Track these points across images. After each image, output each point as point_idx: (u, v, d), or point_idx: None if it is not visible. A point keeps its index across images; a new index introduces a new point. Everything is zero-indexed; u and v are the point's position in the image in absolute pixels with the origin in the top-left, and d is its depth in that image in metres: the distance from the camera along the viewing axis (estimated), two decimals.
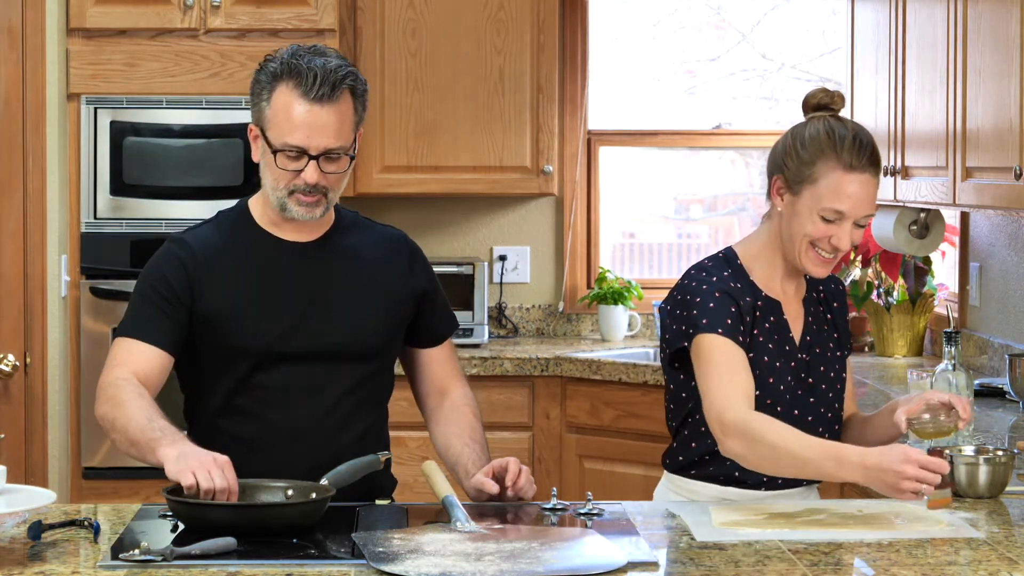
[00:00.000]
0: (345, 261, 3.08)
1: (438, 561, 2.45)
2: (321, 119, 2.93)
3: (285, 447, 3.01)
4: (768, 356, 3.05)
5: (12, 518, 2.57)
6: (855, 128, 3.03)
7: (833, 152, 2.99)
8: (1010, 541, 2.65)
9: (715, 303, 3.01)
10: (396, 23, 5.60)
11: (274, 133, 2.95)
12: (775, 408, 3.03)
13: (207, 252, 3.05)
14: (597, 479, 5.20)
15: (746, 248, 3.14)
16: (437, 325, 3.21)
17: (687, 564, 2.50)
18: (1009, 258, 4.88)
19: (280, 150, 2.95)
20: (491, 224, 6.05)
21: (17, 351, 4.74)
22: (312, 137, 2.93)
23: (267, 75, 2.98)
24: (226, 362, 3.03)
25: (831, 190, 2.99)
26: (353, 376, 3.07)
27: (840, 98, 3.08)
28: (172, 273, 3.03)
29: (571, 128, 6.01)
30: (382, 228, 3.19)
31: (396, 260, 3.14)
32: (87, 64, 5.13)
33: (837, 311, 3.20)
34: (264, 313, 3.02)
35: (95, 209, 5.14)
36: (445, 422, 3.16)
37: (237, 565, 2.45)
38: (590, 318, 6.03)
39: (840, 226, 3.00)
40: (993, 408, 4.25)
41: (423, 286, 3.16)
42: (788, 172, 3.03)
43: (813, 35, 6.32)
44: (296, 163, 2.95)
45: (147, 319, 3.02)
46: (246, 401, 3.03)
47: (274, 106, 2.95)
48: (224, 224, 3.11)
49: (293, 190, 2.97)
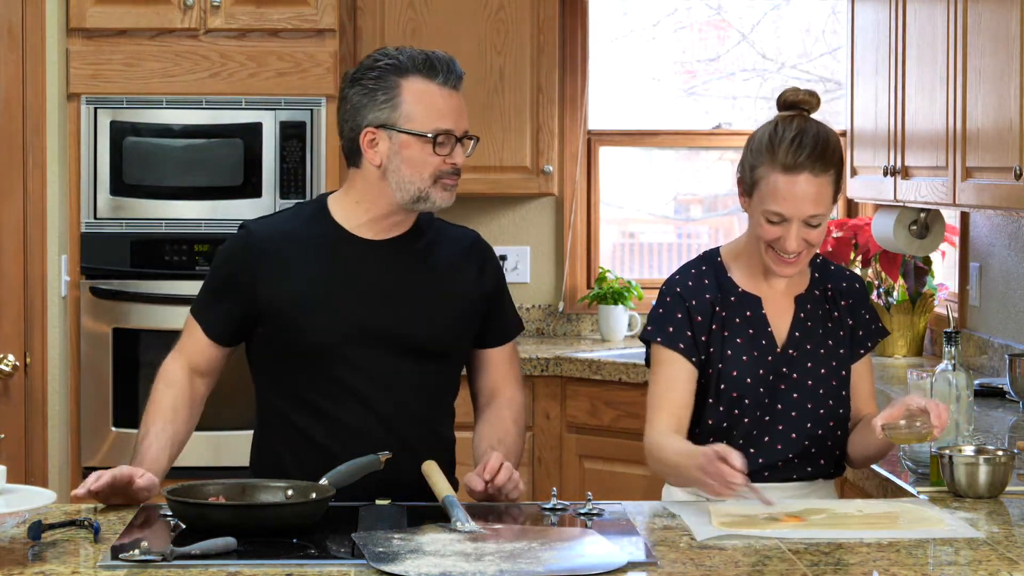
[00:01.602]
0: (419, 260, 3.11)
1: (438, 561, 2.45)
2: (457, 103, 3.06)
3: (352, 443, 3.02)
4: (735, 350, 3.09)
5: (12, 518, 2.57)
6: (802, 127, 3.02)
7: (770, 154, 3.02)
8: (1010, 541, 2.65)
9: (664, 308, 3.11)
10: (396, 23, 5.60)
11: (419, 123, 3.01)
12: (742, 401, 3.07)
13: (277, 240, 3.09)
14: (597, 479, 5.20)
15: (731, 247, 3.19)
16: (500, 327, 3.23)
17: (687, 564, 2.50)
18: (1009, 258, 4.88)
19: (436, 135, 3.01)
20: (491, 224, 6.05)
21: (17, 351, 4.74)
22: (457, 120, 3.05)
23: (386, 74, 3.02)
24: (292, 353, 3.06)
25: (770, 192, 3.01)
26: (422, 374, 3.09)
27: (812, 96, 3.08)
28: (236, 260, 3.10)
29: (571, 128, 6.02)
30: (456, 229, 3.22)
31: (469, 261, 3.17)
32: (87, 64, 5.13)
33: (847, 309, 3.18)
34: (334, 307, 3.05)
35: (95, 209, 5.14)
36: (483, 422, 3.19)
37: (237, 565, 2.45)
38: (590, 318, 6.03)
39: (786, 227, 3.01)
40: (993, 408, 4.25)
41: (491, 288, 3.19)
42: (744, 176, 3.09)
43: (813, 35, 6.32)
44: (445, 148, 3.03)
45: (209, 306, 3.13)
46: (312, 395, 3.06)
47: (411, 98, 3.02)
48: (300, 215, 3.15)
49: (439, 176, 3.04)
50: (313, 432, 3.06)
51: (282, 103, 5.19)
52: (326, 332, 3.04)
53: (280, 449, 3.10)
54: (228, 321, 3.10)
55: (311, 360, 3.05)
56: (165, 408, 3.06)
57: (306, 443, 3.06)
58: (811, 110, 3.08)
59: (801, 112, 3.06)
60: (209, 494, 2.76)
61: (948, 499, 2.98)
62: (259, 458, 3.16)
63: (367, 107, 3.03)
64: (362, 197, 3.08)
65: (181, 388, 3.09)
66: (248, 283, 3.07)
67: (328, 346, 3.04)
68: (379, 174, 3.04)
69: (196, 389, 3.12)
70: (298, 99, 5.19)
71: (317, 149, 5.18)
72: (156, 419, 3.05)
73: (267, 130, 5.17)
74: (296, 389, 3.07)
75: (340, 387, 3.05)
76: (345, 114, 3.06)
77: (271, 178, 5.17)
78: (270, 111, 5.18)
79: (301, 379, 3.07)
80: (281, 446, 3.10)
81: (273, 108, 5.18)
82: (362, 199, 3.08)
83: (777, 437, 3.09)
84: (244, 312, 3.08)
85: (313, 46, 5.20)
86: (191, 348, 3.12)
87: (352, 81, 3.06)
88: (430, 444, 3.09)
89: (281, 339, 3.07)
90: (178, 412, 3.07)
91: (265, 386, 3.14)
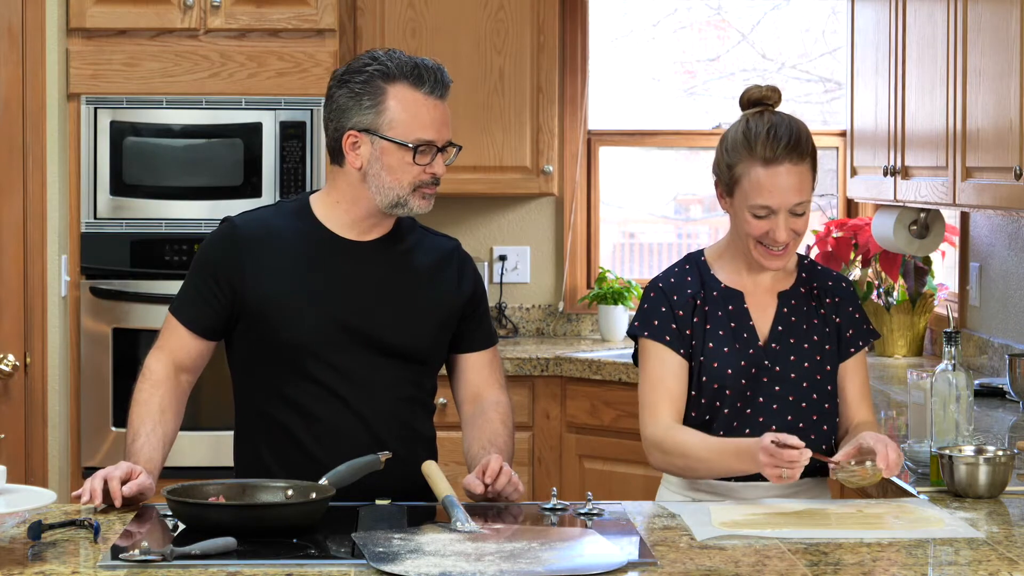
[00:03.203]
0: (399, 263, 3.13)
1: (438, 561, 2.45)
2: (441, 113, 3.07)
3: (328, 441, 3.04)
4: (717, 342, 3.12)
5: (12, 518, 2.57)
6: (773, 120, 3.07)
7: (747, 149, 3.06)
8: (1010, 541, 2.65)
9: (649, 304, 3.17)
10: (396, 23, 5.60)
11: (401, 131, 3.02)
12: (723, 392, 3.10)
13: (260, 234, 3.10)
14: (597, 479, 5.20)
15: (714, 247, 3.24)
16: (480, 332, 3.24)
17: (687, 564, 2.50)
18: (1009, 258, 4.88)
19: (417, 146, 3.02)
20: (491, 224, 6.05)
21: (17, 351, 4.74)
22: (440, 131, 3.06)
23: (373, 79, 3.03)
24: (273, 350, 3.07)
25: (753, 187, 3.05)
26: (398, 376, 3.10)
27: (774, 91, 3.13)
28: (220, 255, 3.10)
29: (571, 128, 6.01)
30: (437, 236, 3.23)
31: (447, 267, 3.18)
32: (87, 64, 5.13)
33: (833, 307, 3.20)
34: (312, 306, 3.06)
35: (95, 209, 5.14)
36: (471, 426, 3.18)
37: (237, 565, 2.45)
38: (590, 318, 6.03)
39: (773, 220, 3.06)
40: (993, 408, 4.25)
41: (470, 294, 3.20)
42: (721, 176, 3.13)
43: (813, 35, 6.32)
44: (425, 158, 3.03)
45: (191, 302, 3.13)
46: (290, 392, 3.07)
47: (396, 106, 3.02)
48: (283, 212, 3.16)
49: (419, 185, 3.05)
50: (293, 428, 3.07)
51: (282, 103, 5.19)
52: (304, 331, 3.05)
53: (260, 445, 3.11)
54: (211, 314, 3.10)
55: (289, 358, 3.06)
56: (153, 409, 3.06)
57: (286, 439, 3.07)
58: (775, 105, 3.12)
59: (766, 107, 3.09)
60: (209, 494, 2.77)
61: (948, 499, 2.98)
62: (240, 455, 3.17)
63: (352, 110, 3.04)
64: (342, 197, 3.10)
65: (167, 388, 3.09)
66: (232, 277, 3.07)
67: (305, 345, 3.05)
68: (359, 176, 3.06)
69: (181, 386, 3.12)
70: (298, 99, 5.19)
71: (317, 149, 5.18)
72: (145, 420, 3.05)
73: (267, 130, 5.17)
74: (274, 386, 3.08)
75: (318, 385, 3.06)
76: (331, 113, 3.08)
77: (271, 178, 5.17)
78: (270, 111, 5.18)
79: (279, 376, 3.07)
80: (261, 442, 3.11)
81: (273, 108, 5.18)
82: (342, 199, 3.10)
83: (758, 429, 3.09)
84: (227, 305, 3.09)
85: (313, 46, 5.20)
86: (174, 344, 3.12)
87: (340, 82, 3.07)
88: (410, 442, 3.10)
89: (260, 335, 3.08)
90: (166, 412, 3.07)
91: (244, 382, 3.15)
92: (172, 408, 3.09)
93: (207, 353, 3.14)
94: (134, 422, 3.06)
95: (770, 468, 2.86)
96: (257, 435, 3.12)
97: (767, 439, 2.87)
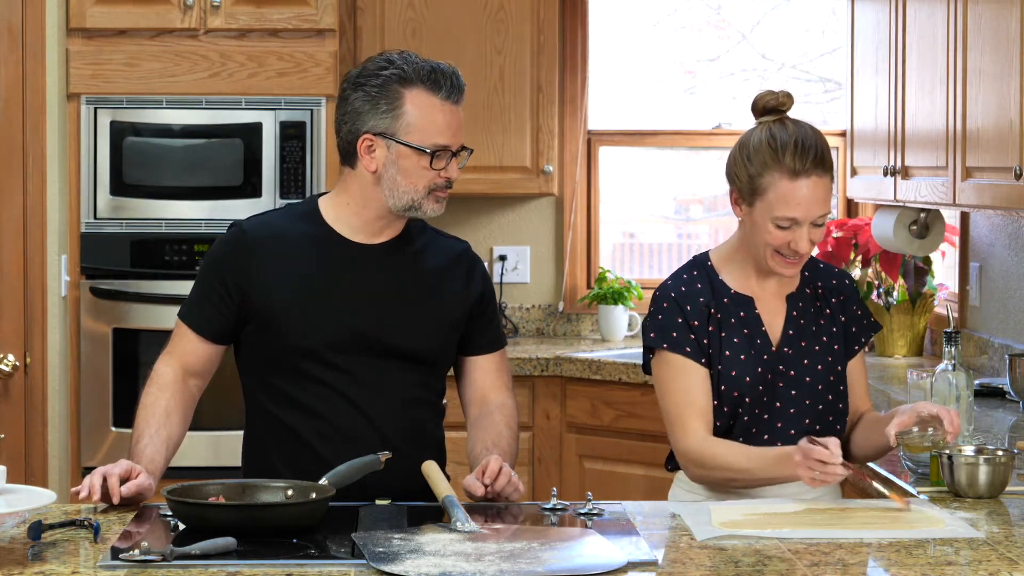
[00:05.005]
0: (408, 266, 3.13)
1: (438, 561, 2.45)
2: (457, 118, 3.08)
3: (337, 443, 3.04)
4: (732, 350, 3.10)
5: (12, 518, 2.57)
6: (797, 131, 3.06)
7: (776, 161, 3.05)
8: (1010, 541, 2.65)
9: (663, 314, 3.12)
10: (396, 23, 5.60)
11: (418, 136, 3.03)
12: (743, 400, 3.09)
13: (269, 238, 3.10)
14: (597, 479, 5.20)
15: (720, 251, 3.22)
16: (489, 335, 3.23)
17: (687, 564, 2.50)
18: (1009, 258, 4.88)
19: (434, 151, 3.03)
20: (491, 224, 6.05)
21: (17, 351, 4.74)
22: (455, 135, 3.07)
23: (390, 82, 3.03)
24: (282, 354, 3.07)
25: (780, 199, 3.04)
26: (407, 378, 3.10)
27: (788, 97, 3.12)
28: (228, 259, 3.10)
29: (571, 128, 6.01)
30: (447, 238, 3.24)
31: (457, 270, 3.18)
32: (87, 64, 5.13)
33: (839, 306, 3.20)
34: (321, 309, 3.06)
35: (95, 209, 5.14)
36: (476, 428, 3.18)
37: (237, 565, 2.45)
38: (590, 318, 6.03)
39: (796, 231, 3.05)
40: (993, 408, 4.25)
41: (477, 295, 3.19)
42: (740, 184, 3.11)
43: (813, 35, 6.32)
44: (441, 162, 3.05)
45: (199, 306, 3.12)
46: (299, 395, 3.07)
47: (413, 111, 3.03)
48: (292, 215, 3.15)
49: (433, 188, 3.06)
50: (302, 431, 3.07)
51: (282, 103, 5.19)
52: (313, 334, 3.05)
53: (270, 447, 3.11)
54: (220, 319, 3.10)
55: (298, 361, 3.06)
56: (159, 411, 3.06)
57: (295, 442, 3.07)
58: (788, 111, 3.12)
59: (782, 115, 3.09)
60: (209, 494, 2.77)
61: (948, 499, 2.98)
62: (249, 456, 3.18)
63: (368, 113, 3.04)
64: (352, 199, 3.09)
65: (174, 391, 3.09)
66: (240, 281, 3.07)
67: (314, 348, 3.05)
68: (373, 179, 3.06)
69: (189, 391, 3.12)
70: (298, 99, 5.19)
71: (317, 149, 5.18)
72: (150, 422, 3.05)
73: (267, 130, 5.17)
74: (284, 388, 3.08)
75: (327, 387, 3.06)
76: (344, 116, 3.07)
77: (271, 178, 5.17)
78: (270, 111, 5.18)
79: (288, 379, 3.07)
80: (270, 444, 3.11)
81: (273, 108, 5.18)
82: (352, 201, 3.09)
83: (777, 435, 3.10)
84: (235, 309, 3.08)
85: (313, 46, 5.20)
86: (183, 349, 3.12)
87: (355, 84, 3.06)
88: (419, 444, 3.10)
89: (269, 339, 3.08)
90: (171, 415, 3.07)
91: (253, 385, 3.15)
92: (178, 411, 3.08)
93: (216, 357, 3.14)
94: (139, 424, 3.06)
95: (803, 469, 2.86)
96: (266, 437, 3.12)
97: (804, 440, 2.87)
